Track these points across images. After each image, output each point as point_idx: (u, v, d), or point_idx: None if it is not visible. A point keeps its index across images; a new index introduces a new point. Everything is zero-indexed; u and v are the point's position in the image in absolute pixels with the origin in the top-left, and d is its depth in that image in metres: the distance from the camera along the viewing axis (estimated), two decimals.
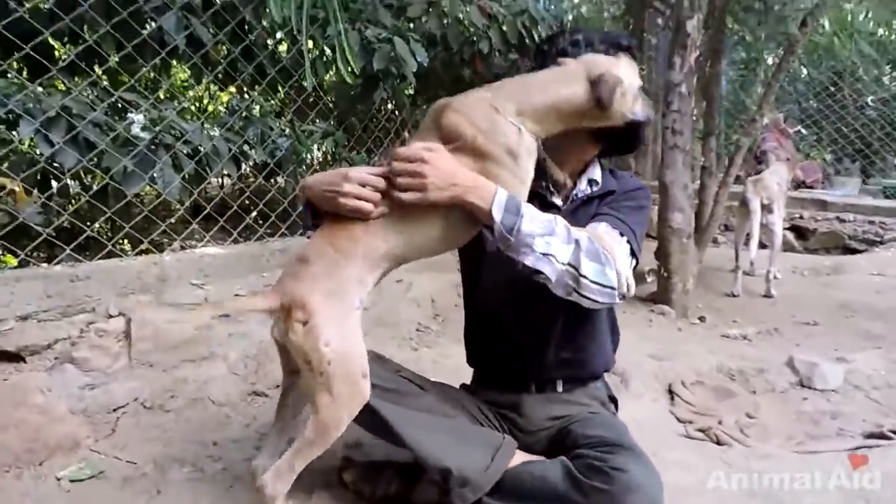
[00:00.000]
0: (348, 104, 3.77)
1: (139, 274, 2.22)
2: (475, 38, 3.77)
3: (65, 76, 2.38)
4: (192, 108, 3.92)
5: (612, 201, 1.59)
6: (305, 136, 3.31)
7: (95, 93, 2.57)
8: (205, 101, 4.29)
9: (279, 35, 3.14)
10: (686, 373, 2.62)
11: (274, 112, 3.59)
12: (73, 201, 2.71)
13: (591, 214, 1.56)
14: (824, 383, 2.48)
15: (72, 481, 1.71)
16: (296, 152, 3.27)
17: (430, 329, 3.23)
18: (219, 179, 4.33)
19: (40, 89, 2.24)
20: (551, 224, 1.34)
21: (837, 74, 7.63)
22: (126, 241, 2.65)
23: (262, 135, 3.00)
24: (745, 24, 5.15)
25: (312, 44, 3.01)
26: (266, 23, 3.04)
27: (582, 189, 1.62)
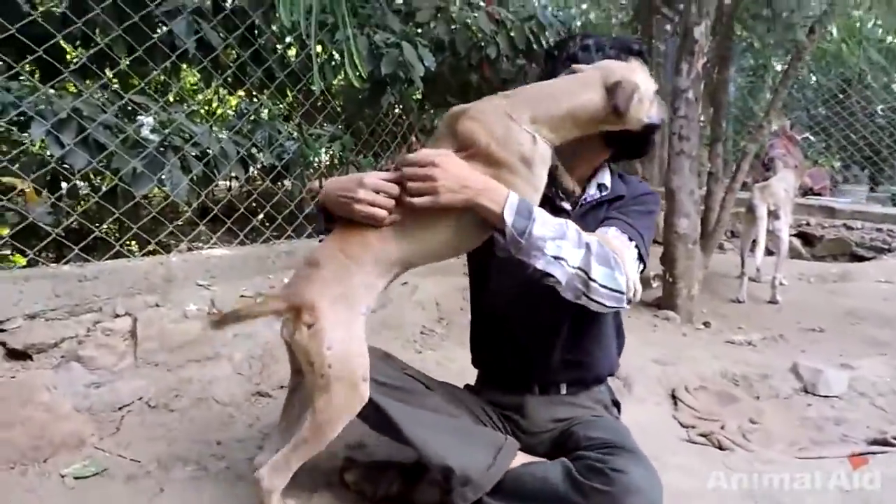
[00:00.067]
0: (356, 108, 3.78)
1: (146, 274, 2.23)
2: (483, 44, 3.78)
3: (76, 79, 2.41)
4: (202, 111, 3.95)
5: (621, 206, 1.59)
6: (313, 139, 3.33)
7: (106, 95, 2.60)
8: (214, 105, 4.32)
9: (288, 39, 3.16)
10: (690, 378, 2.61)
11: (282, 115, 3.62)
12: (82, 202, 2.73)
13: (601, 219, 1.56)
14: (828, 390, 2.47)
15: (76, 478, 1.73)
16: (303, 155, 3.29)
17: (434, 332, 3.23)
18: (226, 182, 4.35)
19: (52, 91, 2.26)
20: (562, 228, 1.33)
21: (846, 82, 7.59)
22: (134, 242, 2.67)
23: (270, 138, 3.03)
24: (753, 30, 5.14)
25: (321, 48, 3.03)
26: (275, 27, 3.06)
27: (591, 194, 1.62)
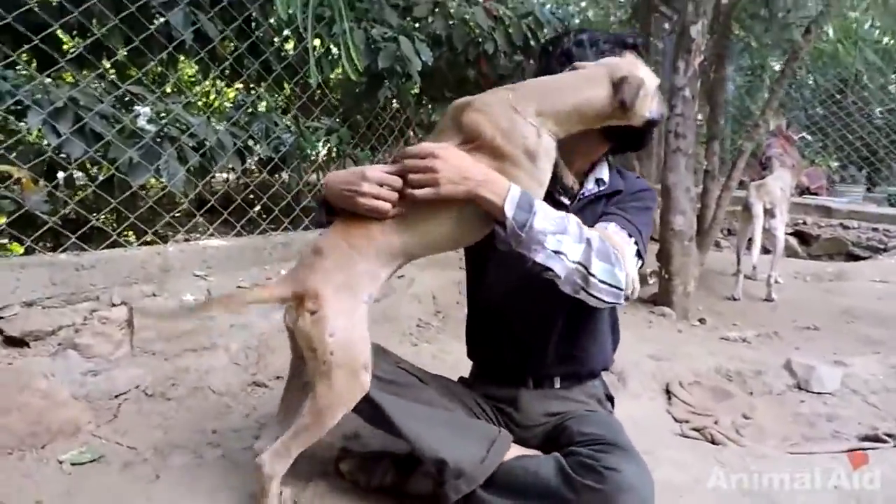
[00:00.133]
0: (353, 102, 3.78)
1: (143, 264, 2.24)
2: (480, 40, 3.78)
3: (73, 68, 2.40)
4: (199, 102, 3.95)
5: (619, 201, 1.59)
6: (310, 132, 3.33)
7: (103, 85, 2.60)
8: (211, 97, 4.32)
9: (285, 32, 3.16)
10: (684, 373, 2.62)
11: (279, 108, 3.62)
12: (79, 191, 2.73)
13: (599, 213, 1.56)
14: (821, 386, 2.49)
15: (73, 464, 1.73)
16: (300, 148, 3.30)
17: (430, 325, 3.24)
18: (223, 173, 4.35)
19: (49, 80, 2.26)
20: (563, 222, 1.33)
21: (843, 82, 7.62)
22: (131, 232, 2.67)
23: (267, 130, 3.03)
24: (750, 30, 5.16)
25: (318, 41, 3.03)
26: (273, 20, 3.06)
27: (589, 188, 1.62)
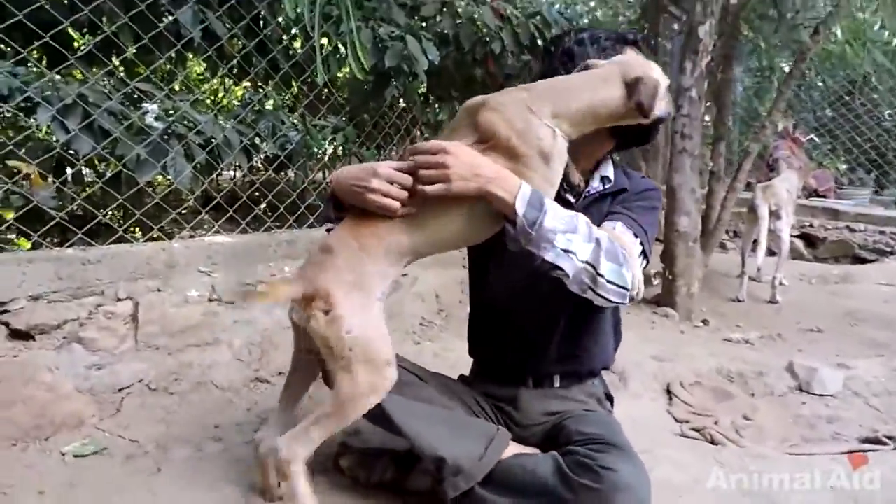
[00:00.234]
0: (360, 100, 3.79)
1: (148, 259, 2.26)
2: (488, 39, 3.77)
3: (82, 65, 2.43)
4: (207, 100, 3.97)
5: (625, 200, 1.59)
6: (316, 130, 3.34)
7: (112, 82, 2.63)
8: (219, 95, 4.35)
9: (293, 31, 3.17)
10: (686, 374, 2.63)
11: (286, 106, 3.63)
12: (86, 187, 2.76)
13: (604, 212, 1.56)
14: (823, 388, 2.49)
15: (76, 456, 1.76)
16: (306, 146, 3.31)
17: (433, 324, 3.25)
18: (230, 171, 4.38)
19: (58, 77, 2.28)
20: (573, 221, 1.33)
21: (852, 84, 7.56)
22: (137, 228, 2.70)
23: (274, 128, 3.04)
24: (759, 31, 5.13)
25: (326, 40, 3.04)
26: (280, 19, 3.08)
27: (595, 186, 1.62)
